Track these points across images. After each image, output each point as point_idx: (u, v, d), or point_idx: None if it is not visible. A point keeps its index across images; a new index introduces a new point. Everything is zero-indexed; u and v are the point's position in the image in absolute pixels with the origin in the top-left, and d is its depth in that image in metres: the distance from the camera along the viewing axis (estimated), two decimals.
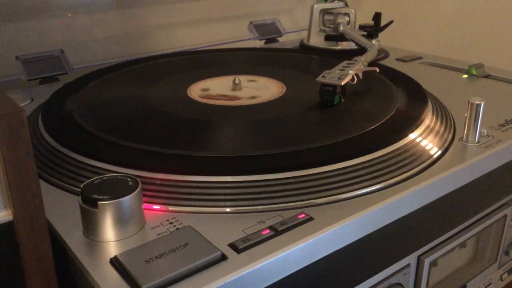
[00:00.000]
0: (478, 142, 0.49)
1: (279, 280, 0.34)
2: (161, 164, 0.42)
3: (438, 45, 1.07)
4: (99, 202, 0.34)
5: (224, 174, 0.41)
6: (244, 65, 0.74)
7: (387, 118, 0.51)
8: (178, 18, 0.95)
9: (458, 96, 0.62)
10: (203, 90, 0.62)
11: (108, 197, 0.34)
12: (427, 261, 0.47)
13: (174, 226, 0.36)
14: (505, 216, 0.56)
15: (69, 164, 0.44)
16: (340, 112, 0.54)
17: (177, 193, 0.40)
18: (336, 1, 0.87)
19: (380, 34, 0.87)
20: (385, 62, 0.79)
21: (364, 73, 0.61)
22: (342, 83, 0.54)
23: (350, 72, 0.56)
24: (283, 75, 0.68)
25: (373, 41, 0.84)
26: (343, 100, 0.56)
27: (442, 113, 0.55)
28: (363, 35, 0.81)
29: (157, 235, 0.35)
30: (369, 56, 0.67)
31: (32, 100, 0.65)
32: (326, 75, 0.56)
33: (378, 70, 0.61)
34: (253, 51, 0.85)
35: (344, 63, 0.60)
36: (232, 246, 0.34)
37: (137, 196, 0.35)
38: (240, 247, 0.34)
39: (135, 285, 0.30)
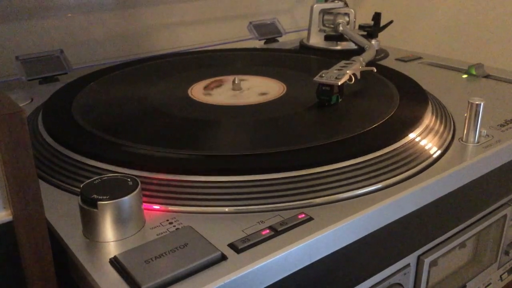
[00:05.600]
0: (478, 142, 0.49)
1: (279, 280, 0.34)
2: (161, 164, 0.42)
3: (438, 45, 1.07)
4: (99, 202, 0.34)
5: (224, 174, 0.41)
6: (244, 65, 0.74)
7: (386, 118, 0.51)
8: (178, 18, 0.95)
9: (458, 96, 0.62)
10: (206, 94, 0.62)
11: (107, 197, 0.34)
12: (427, 261, 0.47)
13: (174, 226, 0.36)
14: (505, 216, 0.56)
15: (68, 164, 0.44)
16: (340, 112, 0.54)
17: (177, 193, 0.40)
18: (336, 1, 0.87)
19: (380, 34, 0.87)
20: (384, 62, 0.79)
21: (364, 73, 0.61)
22: (339, 83, 0.54)
23: (348, 72, 0.56)
24: (283, 75, 0.68)
25: (373, 41, 0.84)
26: (340, 100, 0.56)
27: (442, 113, 0.55)
28: (362, 35, 0.81)
29: (157, 235, 0.35)
30: (367, 56, 0.67)
31: (32, 100, 0.65)
32: (323, 75, 0.56)
33: (375, 70, 0.61)
34: (253, 51, 0.85)
35: (342, 63, 0.60)
36: (232, 246, 0.34)
37: (136, 196, 0.35)
38: (240, 247, 0.34)
39: (134, 285, 0.30)
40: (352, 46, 0.83)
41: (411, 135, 0.48)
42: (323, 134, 0.48)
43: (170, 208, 0.39)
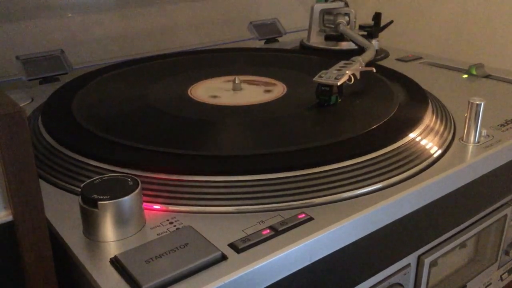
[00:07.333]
0: (478, 142, 0.49)
1: (279, 280, 0.34)
2: (161, 164, 0.42)
3: (438, 45, 1.07)
4: (99, 202, 0.34)
5: (224, 174, 0.41)
6: (244, 65, 0.74)
7: (387, 118, 0.51)
8: (178, 18, 0.95)
9: (458, 96, 0.62)
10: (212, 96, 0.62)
11: (108, 197, 0.34)
12: (427, 261, 0.47)
13: (174, 226, 0.36)
14: (505, 216, 0.56)
15: (69, 164, 0.44)
16: (340, 112, 0.54)
17: (177, 192, 0.40)
18: (336, 1, 0.87)
19: (380, 34, 0.87)
20: (385, 62, 0.79)
21: (364, 73, 0.61)
22: (339, 83, 0.54)
23: (347, 72, 0.56)
24: (283, 75, 0.68)
25: (373, 41, 0.84)
26: (339, 100, 0.56)
27: (442, 113, 0.55)
28: (363, 35, 0.81)
29: (157, 235, 0.35)
30: (367, 56, 0.67)
31: (32, 100, 0.65)
32: (322, 75, 0.55)
33: (374, 70, 0.61)
34: (253, 51, 0.85)
35: (342, 63, 0.60)
36: (232, 246, 0.34)
37: (137, 196, 0.35)
38: (240, 247, 0.34)
39: (135, 285, 0.30)
40: (352, 46, 0.83)
41: (411, 135, 0.48)
42: (323, 134, 0.48)
43: (170, 208, 0.39)
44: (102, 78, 0.68)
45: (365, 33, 0.85)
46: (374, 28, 0.86)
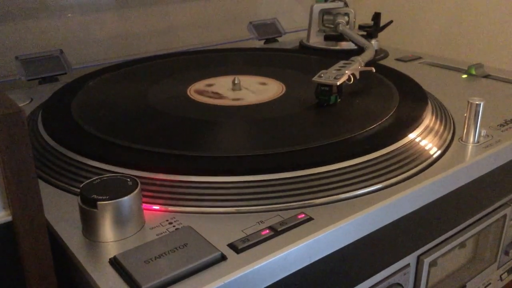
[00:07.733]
0: (478, 142, 0.49)
1: (279, 280, 0.34)
2: (161, 164, 0.42)
3: (438, 45, 1.07)
4: (99, 202, 0.34)
5: (223, 174, 0.41)
6: (244, 65, 0.74)
7: (386, 118, 0.51)
8: (178, 18, 0.95)
9: (457, 96, 0.62)
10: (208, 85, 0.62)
11: (107, 197, 0.34)
12: (426, 261, 0.47)
13: (174, 226, 0.36)
14: (504, 216, 0.56)
15: (68, 164, 0.44)
16: (339, 112, 0.54)
17: (176, 193, 0.40)
18: (335, 1, 0.87)
19: (380, 34, 0.87)
20: (384, 62, 0.79)
21: (363, 73, 0.61)
22: (338, 83, 0.54)
23: (347, 72, 0.56)
24: (283, 75, 0.68)
25: (373, 41, 0.84)
26: (339, 100, 0.56)
27: (442, 113, 0.55)
28: (362, 35, 0.81)
29: (157, 235, 0.35)
30: (366, 56, 0.67)
31: (32, 100, 0.65)
32: (322, 75, 0.55)
33: (374, 70, 0.61)
34: (252, 51, 0.85)
35: (341, 63, 0.60)
36: (232, 246, 0.34)
37: (136, 196, 0.35)
38: (240, 247, 0.34)
39: (134, 285, 0.30)
40: (352, 46, 0.83)
41: (411, 135, 0.48)
42: (323, 135, 0.48)
43: (170, 208, 0.39)
44: (101, 78, 0.68)
45: (365, 33, 0.85)
46: (374, 28, 0.86)
